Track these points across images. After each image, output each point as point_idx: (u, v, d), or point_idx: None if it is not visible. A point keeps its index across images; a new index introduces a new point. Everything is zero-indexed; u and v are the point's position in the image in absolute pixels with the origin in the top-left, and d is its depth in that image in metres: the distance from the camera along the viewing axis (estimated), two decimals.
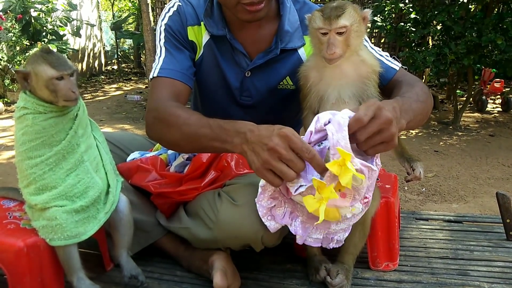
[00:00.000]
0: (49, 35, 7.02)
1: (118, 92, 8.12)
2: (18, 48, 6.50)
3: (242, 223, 1.24)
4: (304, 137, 1.04)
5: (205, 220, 1.32)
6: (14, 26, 6.46)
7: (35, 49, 6.23)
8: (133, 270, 1.34)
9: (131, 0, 11.47)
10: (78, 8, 8.81)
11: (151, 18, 5.79)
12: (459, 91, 6.35)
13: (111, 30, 11.14)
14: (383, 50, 1.47)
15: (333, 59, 1.19)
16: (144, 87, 8.31)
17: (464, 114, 5.49)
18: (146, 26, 5.72)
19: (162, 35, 1.46)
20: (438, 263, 1.52)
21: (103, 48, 11.43)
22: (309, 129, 1.05)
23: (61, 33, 7.29)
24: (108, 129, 5.23)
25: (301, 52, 1.47)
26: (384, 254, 1.47)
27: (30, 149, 1.18)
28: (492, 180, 3.46)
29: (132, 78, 9.86)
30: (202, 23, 1.46)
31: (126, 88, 8.58)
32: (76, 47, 8.78)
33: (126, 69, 11.33)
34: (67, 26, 7.55)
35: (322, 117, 1.03)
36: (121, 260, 1.35)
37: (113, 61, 12.27)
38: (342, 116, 0.99)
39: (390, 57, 1.47)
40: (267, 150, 1.00)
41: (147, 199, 1.48)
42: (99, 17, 11.13)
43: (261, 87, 1.50)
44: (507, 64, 4.73)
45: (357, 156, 0.99)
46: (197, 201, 1.38)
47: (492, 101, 6.52)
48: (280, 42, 1.44)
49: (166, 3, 6.71)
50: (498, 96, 6.34)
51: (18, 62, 6.25)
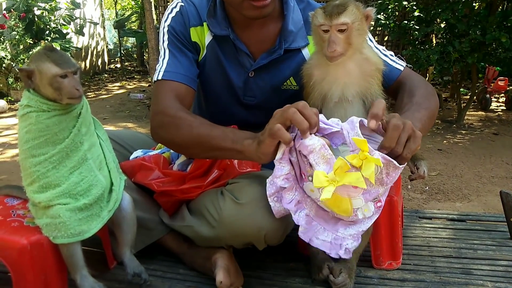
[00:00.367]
0: (53, 34, 7.05)
1: (121, 91, 8.14)
2: (22, 47, 6.52)
3: (245, 222, 1.24)
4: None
5: (208, 219, 1.32)
6: (18, 25, 6.48)
7: (39, 48, 6.25)
8: (136, 268, 1.34)
9: None
10: (81, 7, 8.83)
11: (154, 17, 5.79)
12: (463, 90, 6.32)
13: (114, 29, 11.15)
14: (387, 48, 1.46)
15: (334, 57, 1.19)
16: (147, 86, 8.32)
17: (468, 113, 5.47)
18: (149, 25, 5.72)
19: (166, 37, 1.45)
20: (442, 262, 1.51)
21: (106, 47, 11.45)
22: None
23: (65, 32, 7.32)
24: (111, 127, 5.24)
25: (305, 53, 1.47)
26: (387, 253, 1.47)
27: (34, 147, 1.18)
28: (496, 179, 3.45)
29: (135, 77, 9.87)
30: (205, 24, 1.45)
31: (129, 87, 8.59)
32: (79, 46, 8.80)
33: (129, 68, 11.34)
34: (71, 25, 7.58)
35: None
36: (124, 258, 1.35)
37: (116, 60, 12.29)
38: (353, 120, 1.03)
39: (395, 56, 1.46)
40: (281, 113, 1.05)
41: (150, 197, 1.48)
42: (102, 16, 11.14)
43: (265, 88, 1.49)
44: (511, 62, 4.71)
45: None
46: (200, 200, 1.38)
47: (496, 100, 6.49)
48: (284, 42, 1.43)
49: (169, 1, 6.70)
50: (502, 95, 6.30)
51: (22, 61, 6.27)
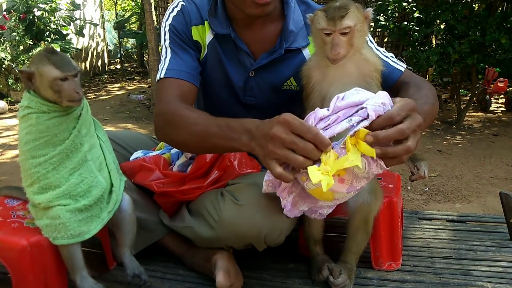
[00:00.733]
0: (53, 35, 7.05)
1: (121, 92, 8.14)
2: (22, 48, 6.52)
3: (245, 223, 1.24)
4: (309, 119, 1.02)
5: (208, 220, 1.32)
6: (18, 26, 6.49)
7: (39, 49, 6.27)
8: (136, 269, 1.34)
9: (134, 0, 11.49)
10: (81, 8, 8.84)
11: (154, 18, 5.79)
12: (463, 91, 6.32)
13: (114, 30, 11.16)
14: (386, 49, 1.46)
15: (337, 59, 1.19)
16: (147, 87, 8.32)
17: (468, 114, 5.47)
18: (149, 26, 5.72)
19: (167, 36, 1.46)
20: (441, 263, 1.51)
21: (106, 48, 11.45)
22: (318, 112, 1.02)
23: (65, 33, 7.32)
24: (111, 128, 5.24)
25: (306, 53, 1.46)
26: (387, 254, 1.47)
27: (34, 148, 1.18)
28: (496, 180, 3.45)
29: (135, 78, 9.88)
30: (206, 23, 1.45)
31: (129, 88, 8.60)
32: (79, 47, 8.80)
33: (129, 69, 11.34)
34: (71, 26, 7.58)
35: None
36: (124, 259, 1.35)
37: (116, 61, 12.29)
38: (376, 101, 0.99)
39: (395, 58, 1.47)
40: (270, 140, 0.99)
41: (150, 198, 1.49)
42: (102, 17, 11.15)
43: (265, 87, 1.49)
44: (511, 63, 4.72)
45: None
46: (200, 201, 1.38)
47: (496, 101, 6.50)
48: (285, 42, 1.43)
49: (169, 3, 6.70)
50: (502, 96, 6.31)
51: (22, 62, 6.27)
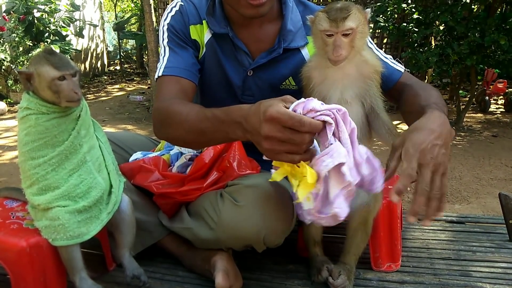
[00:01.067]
0: (52, 36, 7.06)
1: (121, 93, 8.14)
2: (21, 49, 6.53)
3: (244, 224, 1.24)
4: (297, 108, 0.96)
5: (207, 221, 1.32)
6: (17, 27, 6.50)
7: (38, 50, 6.27)
8: (135, 270, 1.34)
9: (134, 1, 11.49)
10: (81, 9, 8.84)
11: (154, 19, 5.79)
12: (462, 92, 6.33)
13: (114, 31, 11.16)
14: (386, 51, 1.47)
15: (339, 61, 1.19)
16: (147, 88, 8.33)
17: (467, 115, 5.47)
18: (149, 27, 5.72)
19: (165, 35, 1.46)
20: (441, 264, 1.52)
21: (106, 49, 11.46)
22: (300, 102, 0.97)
23: (64, 34, 7.33)
24: (111, 129, 5.24)
25: (305, 53, 1.47)
26: (386, 255, 1.47)
27: (33, 150, 1.18)
28: (495, 181, 3.45)
29: (135, 79, 9.88)
30: (204, 22, 1.46)
31: (129, 89, 8.60)
32: (79, 48, 8.80)
33: (129, 70, 11.35)
34: (70, 27, 7.59)
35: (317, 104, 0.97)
36: (124, 260, 1.35)
37: (116, 62, 12.29)
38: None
39: (394, 60, 1.47)
40: (264, 140, 0.95)
41: (150, 199, 1.48)
42: (102, 18, 11.15)
43: (263, 87, 1.49)
44: (510, 65, 4.72)
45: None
46: (199, 202, 1.38)
47: (495, 102, 6.50)
48: (283, 42, 1.43)
49: (169, 4, 6.71)
50: (501, 97, 6.32)
51: (21, 63, 6.27)
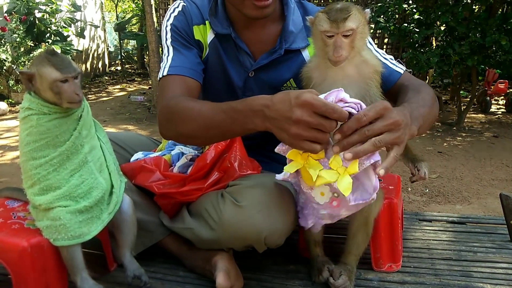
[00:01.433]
0: (53, 36, 7.07)
1: (122, 93, 8.15)
2: (23, 49, 6.54)
3: (245, 224, 1.24)
4: (329, 96, 1.00)
5: (208, 221, 1.32)
6: (19, 27, 6.50)
7: (40, 50, 6.28)
8: (136, 270, 1.34)
9: (135, 1, 11.50)
10: (82, 9, 8.85)
11: (155, 19, 5.80)
12: (463, 92, 6.32)
13: (115, 31, 11.17)
14: (386, 51, 1.47)
15: (339, 62, 1.19)
16: (148, 88, 8.33)
17: (468, 115, 5.47)
18: (150, 27, 5.73)
19: (169, 35, 1.46)
20: (441, 265, 1.51)
21: (107, 49, 11.46)
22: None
23: (65, 34, 7.33)
24: (112, 130, 5.24)
25: (305, 54, 1.47)
26: (387, 255, 1.47)
27: (35, 150, 1.18)
28: (496, 181, 3.45)
29: (136, 79, 9.88)
30: (207, 22, 1.46)
31: (130, 89, 8.60)
32: (80, 48, 8.81)
33: (130, 70, 11.35)
34: (71, 27, 7.60)
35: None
36: (125, 260, 1.35)
37: (117, 62, 12.30)
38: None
39: (395, 60, 1.47)
40: (294, 124, 0.95)
41: (151, 200, 1.49)
42: (103, 18, 11.16)
43: (264, 88, 1.49)
44: (511, 65, 4.72)
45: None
46: (200, 202, 1.38)
47: (496, 102, 6.50)
48: (285, 43, 1.43)
49: (170, 4, 6.71)
50: (502, 97, 6.32)
51: (22, 63, 6.28)
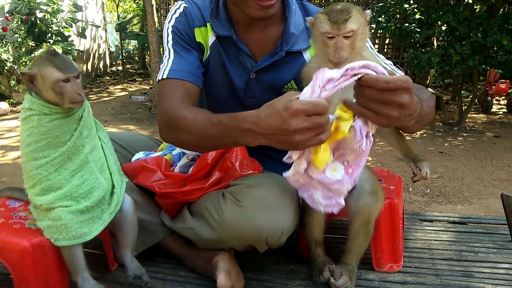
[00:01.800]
0: (55, 36, 7.07)
1: (123, 93, 8.15)
2: (24, 49, 6.54)
3: (246, 224, 1.24)
4: (317, 79, 0.99)
5: (209, 221, 1.32)
6: (20, 27, 6.51)
7: (41, 50, 6.28)
8: (137, 270, 1.34)
9: (136, 1, 11.51)
10: (83, 10, 8.86)
11: (156, 19, 5.80)
12: (464, 92, 6.32)
13: (116, 31, 11.17)
14: (388, 51, 1.47)
15: (340, 63, 1.19)
16: (149, 88, 8.33)
17: (469, 115, 5.46)
18: (151, 27, 5.73)
19: (170, 37, 1.46)
20: (442, 265, 1.51)
21: (108, 49, 11.47)
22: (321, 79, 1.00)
23: (66, 34, 7.34)
24: (113, 130, 5.25)
25: (307, 56, 1.47)
26: (388, 256, 1.47)
27: (36, 150, 1.19)
28: (497, 182, 3.44)
29: (137, 79, 9.89)
30: (208, 24, 1.46)
31: (131, 89, 8.61)
32: (81, 48, 8.81)
33: (131, 70, 11.35)
34: (72, 27, 7.60)
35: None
36: (125, 260, 1.35)
37: (118, 62, 12.31)
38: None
39: (394, 66, 1.47)
40: (294, 134, 0.95)
41: (152, 199, 1.49)
42: (104, 18, 11.17)
43: (266, 89, 1.50)
44: None
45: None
46: (201, 202, 1.38)
47: (497, 102, 6.49)
48: (286, 44, 1.43)
49: (171, 4, 6.72)
50: (504, 97, 6.31)
51: (24, 63, 6.28)
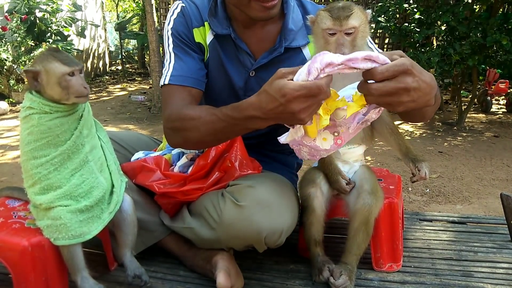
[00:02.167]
0: (54, 36, 7.07)
1: (123, 93, 8.15)
2: (23, 49, 6.54)
3: (245, 224, 1.24)
4: (315, 61, 0.99)
5: (209, 220, 1.32)
6: (19, 27, 6.50)
7: (40, 50, 6.27)
8: (137, 270, 1.34)
9: (135, 1, 11.50)
10: (83, 9, 8.85)
11: (155, 19, 5.80)
12: (464, 92, 6.32)
13: (116, 31, 11.17)
14: (387, 51, 1.46)
15: None
16: (148, 88, 8.33)
17: (469, 115, 5.47)
18: (150, 27, 5.73)
19: (170, 40, 1.45)
20: (442, 264, 1.52)
21: (108, 49, 11.47)
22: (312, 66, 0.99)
23: (66, 34, 7.34)
24: (113, 129, 5.24)
25: (306, 52, 1.47)
26: (388, 255, 1.47)
27: (36, 149, 1.19)
28: (497, 181, 3.44)
29: (136, 79, 9.89)
30: (206, 23, 1.45)
31: (130, 89, 8.61)
32: (81, 48, 8.82)
33: (130, 70, 11.36)
34: (72, 27, 7.61)
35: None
36: (125, 260, 1.35)
37: (118, 62, 12.31)
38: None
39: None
40: (298, 113, 1.02)
41: (151, 199, 1.49)
42: (104, 18, 11.16)
43: None
44: None
45: None
46: (201, 201, 1.38)
47: (497, 102, 6.49)
48: (284, 41, 1.43)
49: (170, 4, 6.71)
50: (503, 97, 6.31)
51: (23, 63, 6.28)
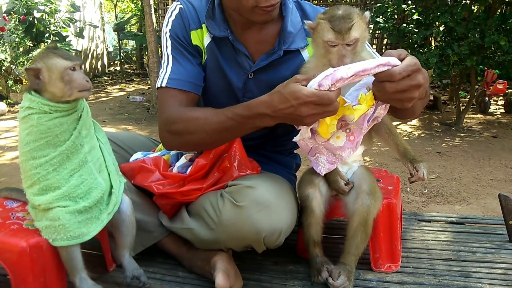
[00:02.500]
0: (52, 36, 7.05)
1: (121, 93, 8.14)
2: (21, 49, 6.52)
3: (244, 224, 1.24)
4: (326, 79, 1.08)
5: (207, 221, 1.32)
6: (18, 27, 6.49)
7: (38, 50, 6.26)
8: (135, 271, 1.34)
9: (134, 2, 11.49)
10: (81, 10, 8.84)
11: (154, 19, 5.80)
12: (462, 92, 6.33)
13: (114, 31, 11.15)
14: (386, 51, 1.47)
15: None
16: (147, 88, 8.33)
17: (467, 116, 5.47)
18: (149, 27, 5.72)
19: (168, 42, 1.45)
20: (440, 265, 1.52)
21: (106, 49, 11.45)
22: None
23: (64, 34, 7.32)
24: (111, 130, 5.23)
25: (305, 54, 1.46)
26: (386, 256, 1.47)
27: (35, 149, 1.19)
28: (495, 182, 3.45)
29: (135, 79, 9.88)
30: (204, 26, 1.45)
31: (129, 89, 8.60)
32: (79, 48, 8.80)
33: (129, 70, 11.34)
34: (70, 27, 7.58)
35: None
36: (124, 261, 1.35)
37: (116, 62, 12.30)
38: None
39: None
40: (305, 118, 1.12)
41: (150, 200, 1.49)
42: (102, 19, 11.15)
43: (264, 89, 1.48)
44: (510, 65, 4.73)
45: None
46: (200, 202, 1.38)
47: (495, 103, 6.51)
48: (283, 43, 1.43)
49: (169, 4, 6.71)
50: (501, 97, 6.32)
51: (21, 63, 6.27)
